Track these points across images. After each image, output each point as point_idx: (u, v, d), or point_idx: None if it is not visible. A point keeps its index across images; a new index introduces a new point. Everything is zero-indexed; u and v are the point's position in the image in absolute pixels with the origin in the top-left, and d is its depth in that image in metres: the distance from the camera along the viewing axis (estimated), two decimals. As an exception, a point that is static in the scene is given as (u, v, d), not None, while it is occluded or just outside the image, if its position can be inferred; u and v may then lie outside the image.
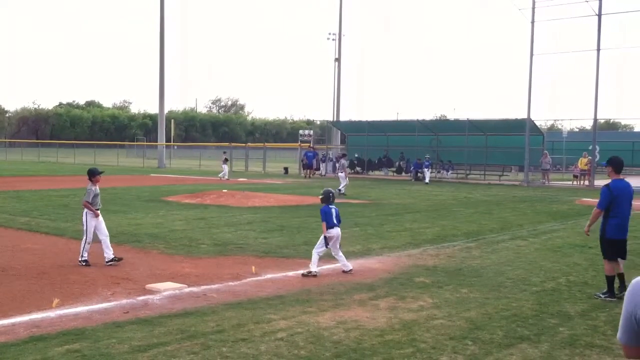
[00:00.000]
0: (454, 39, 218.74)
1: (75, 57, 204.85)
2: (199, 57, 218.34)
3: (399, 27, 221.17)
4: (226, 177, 37.70)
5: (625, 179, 9.35)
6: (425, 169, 36.23)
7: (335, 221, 10.74)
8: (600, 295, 9.09)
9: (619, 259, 9.21)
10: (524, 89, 41.92)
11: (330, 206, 10.82)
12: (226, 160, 40.09)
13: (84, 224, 11.07)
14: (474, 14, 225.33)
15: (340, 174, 28.60)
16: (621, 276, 9.15)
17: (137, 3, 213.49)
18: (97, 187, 11.34)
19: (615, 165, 9.25)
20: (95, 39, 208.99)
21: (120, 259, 10.96)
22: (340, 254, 10.81)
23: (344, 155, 31.40)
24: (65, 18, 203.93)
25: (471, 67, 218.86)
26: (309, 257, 11.80)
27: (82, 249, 10.91)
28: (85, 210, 11.11)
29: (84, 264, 10.80)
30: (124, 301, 8.48)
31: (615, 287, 9.09)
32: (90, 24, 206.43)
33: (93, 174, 11.35)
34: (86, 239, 10.89)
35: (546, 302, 8.72)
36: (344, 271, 10.58)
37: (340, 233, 10.89)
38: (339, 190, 26.75)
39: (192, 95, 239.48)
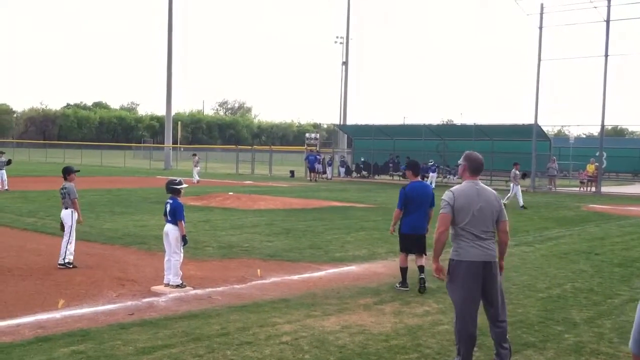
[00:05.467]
0: (461, 43, 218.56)
1: (83, 58, 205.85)
2: (206, 59, 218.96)
3: (406, 31, 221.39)
4: (195, 179, 35.05)
5: (428, 183, 10.07)
6: (432, 174, 35.99)
7: (168, 217, 9.48)
8: (397, 285, 9.69)
9: (417, 255, 9.71)
10: (531, 95, 41.95)
11: (168, 200, 9.54)
12: (197, 162, 37.26)
13: (71, 222, 10.80)
14: (481, 18, 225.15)
15: (511, 184, 24.99)
16: (420, 268, 9.60)
17: (145, 5, 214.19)
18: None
19: (413, 168, 10.01)
20: (103, 41, 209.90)
21: (74, 267, 10.57)
22: (170, 259, 9.39)
23: (515, 165, 26.27)
24: (74, 19, 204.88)
25: (478, 72, 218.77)
26: (315, 261, 11.83)
27: (65, 251, 10.62)
28: (71, 209, 10.87)
29: (70, 266, 10.55)
30: (129, 303, 8.49)
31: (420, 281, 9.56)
32: (99, 26, 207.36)
33: (69, 172, 11.08)
34: (69, 238, 10.68)
35: (552, 309, 8.68)
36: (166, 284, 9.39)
37: (169, 231, 9.45)
38: (504, 202, 25.01)
39: (199, 97, 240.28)
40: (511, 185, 25.03)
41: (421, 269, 9.64)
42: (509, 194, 24.56)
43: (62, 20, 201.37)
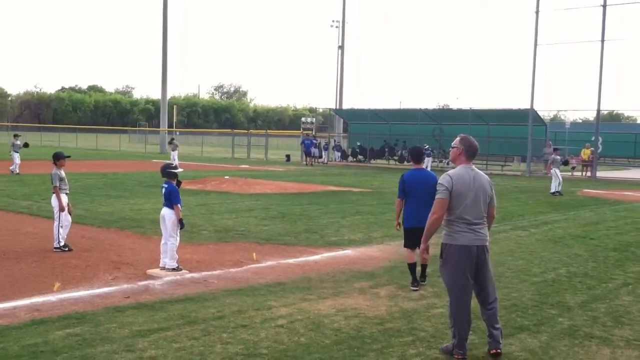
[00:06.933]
0: (458, 28, 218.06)
1: (78, 41, 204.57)
2: (202, 43, 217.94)
3: (403, 15, 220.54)
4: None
5: (428, 169, 9.31)
6: (427, 158, 36.10)
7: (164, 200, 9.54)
8: (411, 287, 8.83)
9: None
10: (527, 79, 41.80)
11: (163, 185, 9.58)
12: (174, 147, 36.61)
13: (55, 207, 10.82)
14: (478, 2, 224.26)
15: (552, 170, 24.51)
16: (423, 267, 9.06)
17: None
18: (62, 171, 11.03)
19: (412, 155, 9.43)
20: (98, 24, 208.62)
21: (70, 250, 10.61)
22: (166, 242, 9.45)
23: (555, 150, 25.27)
24: (69, 2, 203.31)
25: (474, 56, 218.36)
26: (311, 245, 11.84)
27: (57, 234, 10.63)
28: (54, 194, 10.85)
29: (66, 249, 10.58)
30: (125, 286, 8.50)
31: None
32: (94, 8, 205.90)
33: (58, 158, 11.06)
34: (58, 223, 10.67)
35: (546, 293, 8.73)
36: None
37: (165, 214, 9.50)
38: (554, 192, 23.64)
39: (194, 81, 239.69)
40: (552, 171, 24.42)
41: (423, 268, 9.08)
42: (553, 182, 24.11)
43: (56, 3, 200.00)
